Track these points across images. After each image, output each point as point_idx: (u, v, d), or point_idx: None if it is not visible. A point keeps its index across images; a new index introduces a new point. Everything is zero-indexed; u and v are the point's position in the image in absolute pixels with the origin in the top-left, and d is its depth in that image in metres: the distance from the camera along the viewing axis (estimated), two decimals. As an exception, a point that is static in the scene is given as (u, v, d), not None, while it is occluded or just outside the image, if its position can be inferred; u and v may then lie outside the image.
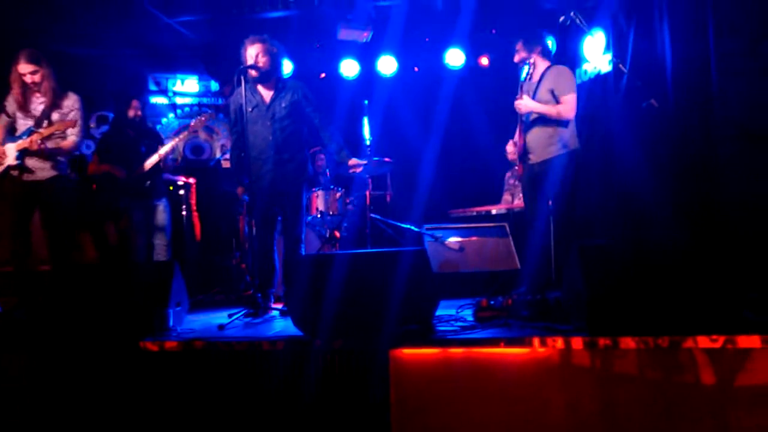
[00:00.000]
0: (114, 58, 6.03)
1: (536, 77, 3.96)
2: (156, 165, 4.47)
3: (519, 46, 4.00)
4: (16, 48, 3.94)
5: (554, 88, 3.84)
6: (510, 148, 4.23)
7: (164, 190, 4.71)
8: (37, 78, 3.92)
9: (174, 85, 6.47)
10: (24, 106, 3.96)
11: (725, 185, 3.67)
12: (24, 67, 3.89)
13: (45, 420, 2.85)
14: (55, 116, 3.99)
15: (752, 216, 3.42)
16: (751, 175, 3.52)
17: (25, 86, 3.94)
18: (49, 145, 3.92)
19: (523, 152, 3.97)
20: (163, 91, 6.42)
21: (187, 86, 6.50)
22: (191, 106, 6.49)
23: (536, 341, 2.57)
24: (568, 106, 3.80)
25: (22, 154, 3.90)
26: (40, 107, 3.98)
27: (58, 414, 2.85)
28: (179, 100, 6.49)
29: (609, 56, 4.70)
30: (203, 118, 4.64)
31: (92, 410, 2.83)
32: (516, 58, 4.02)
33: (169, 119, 6.44)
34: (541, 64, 3.97)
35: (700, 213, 3.80)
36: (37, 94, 3.98)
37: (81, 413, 2.84)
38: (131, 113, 4.53)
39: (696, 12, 3.87)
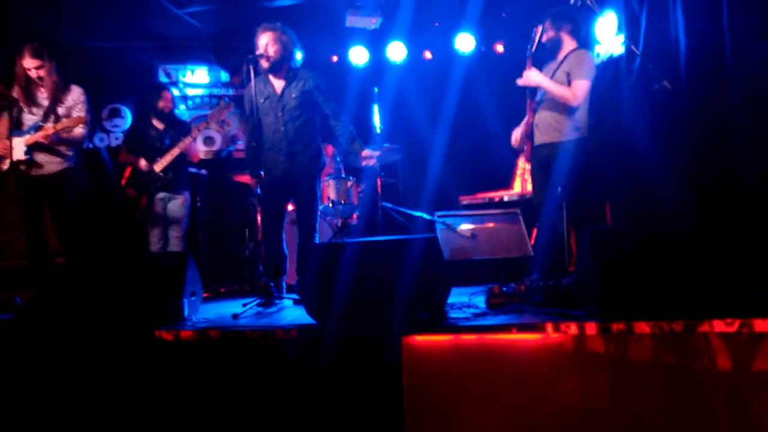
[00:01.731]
0: (124, 50, 6.05)
1: (560, 56, 3.86)
2: (179, 157, 4.48)
3: (547, 24, 3.87)
4: (26, 41, 3.97)
5: (570, 71, 3.74)
6: (516, 134, 4.15)
7: (188, 183, 4.73)
8: (41, 72, 3.95)
9: (184, 76, 6.48)
10: (28, 101, 3.99)
11: (739, 168, 3.61)
12: (29, 62, 3.91)
13: (63, 410, 2.90)
14: (60, 110, 4.02)
15: (766, 199, 3.37)
16: (766, 158, 3.46)
17: (29, 81, 3.96)
18: (59, 137, 3.96)
19: (531, 132, 3.91)
20: (174, 83, 6.43)
21: (197, 77, 6.50)
22: (202, 96, 6.50)
23: (549, 327, 2.57)
24: (574, 92, 3.68)
25: (31, 148, 3.93)
26: (45, 102, 4.01)
27: (75, 403, 2.90)
28: (190, 92, 6.50)
29: (621, 38, 4.63)
30: (221, 110, 4.63)
31: (109, 399, 2.88)
32: (545, 38, 3.90)
33: (181, 110, 6.46)
34: (569, 44, 3.86)
35: (713, 196, 3.75)
36: (41, 89, 4.01)
37: (98, 402, 2.88)
38: (161, 104, 4.55)
39: (710, -9, 3.79)
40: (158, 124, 4.58)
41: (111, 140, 6.27)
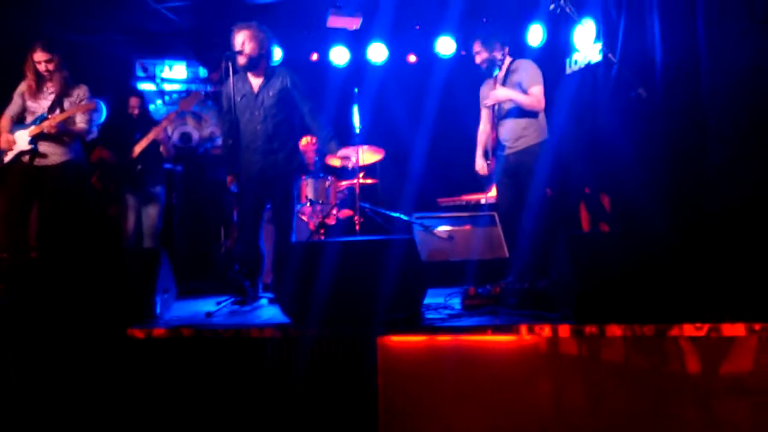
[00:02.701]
0: (101, 43, 5.96)
1: (501, 73, 4.06)
2: (148, 150, 4.46)
3: (478, 47, 4.08)
4: (6, 36, 3.98)
5: (521, 81, 3.96)
6: (479, 162, 4.31)
7: (161, 178, 4.69)
8: (51, 66, 4.04)
9: (162, 71, 6.40)
10: (36, 95, 4.08)
11: (714, 175, 3.68)
12: (39, 56, 4.00)
13: (31, 406, 2.83)
14: (66, 104, 4.09)
15: (740, 206, 3.45)
16: (740, 165, 3.54)
17: (38, 75, 4.04)
18: (64, 127, 4.04)
19: (496, 145, 4.07)
20: (151, 77, 6.34)
21: (175, 72, 6.42)
22: (179, 92, 6.43)
23: (523, 329, 2.59)
24: (537, 98, 3.94)
25: (35, 139, 3.99)
26: (51, 96, 4.09)
27: (44, 401, 2.84)
28: (167, 87, 6.41)
29: (599, 45, 4.69)
30: (191, 99, 4.67)
31: (78, 397, 2.82)
32: (478, 60, 4.10)
33: (157, 106, 6.37)
34: (505, 60, 4.08)
35: (688, 202, 3.83)
36: (49, 84, 4.09)
37: (67, 400, 2.82)
38: (129, 111, 4.60)
39: (686, 0, 3.87)
40: (128, 120, 4.61)
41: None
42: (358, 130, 4.96)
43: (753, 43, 3.39)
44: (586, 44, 4.94)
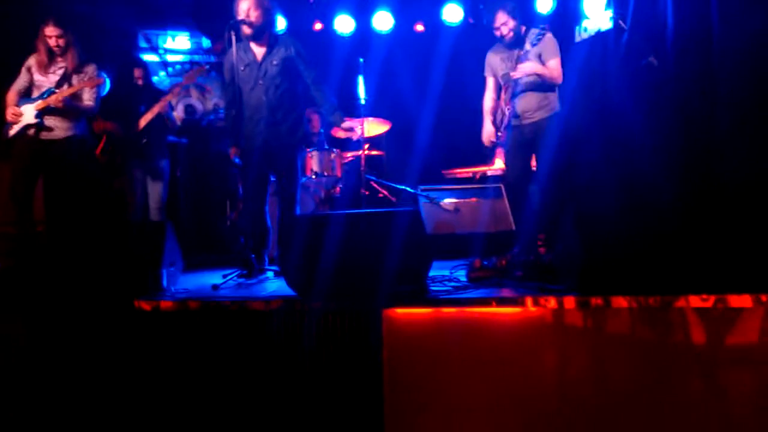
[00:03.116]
0: (103, 14, 5.88)
1: (527, 43, 3.96)
2: (153, 123, 4.44)
3: (503, 17, 3.94)
4: (11, 8, 3.96)
5: (541, 53, 3.91)
6: (488, 131, 4.25)
7: (165, 151, 4.68)
8: (62, 42, 4.03)
9: (165, 42, 6.32)
10: (45, 69, 4.08)
11: (723, 146, 3.63)
12: (51, 30, 3.99)
13: (39, 378, 2.88)
14: (75, 80, 4.11)
15: (748, 175, 3.40)
16: (749, 135, 3.48)
17: (49, 49, 4.04)
18: (71, 102, 4.05)
19: (512, 117, 4.02)
20: (154, 48, 6.28)
21: (179, 43, 6.35)
22: (183, 63, 6.36)
23: (529, 301, 2.59)
24: (557, 70, 3.93)
25: (42, 113, 4.00)
26: (60, 71, 4.08)
27: (53, 373, 2.88)
28: (170, 58, 6.35)
29: (610, 12, 4.59)
30: (196, 72, 4.62)
31: (86, 369, 2.86)
32: (503, 31, 3.99)
33: (161, 77, 6.32)
34: (524, 30, 4.02)
35: (697, 171, 3.78)
36: (59, 59, 4.09)
37: (75, 372, 2.86)
38: (133, 82, 4.57)
39: (699, -33, 3.76)
40: (132, 91, 4.56)
41: (89, 107, 6.12)
42: (363, 102, 4.90)
43: (765, 10, 3.30)
44: (597, 11, 4.83)
